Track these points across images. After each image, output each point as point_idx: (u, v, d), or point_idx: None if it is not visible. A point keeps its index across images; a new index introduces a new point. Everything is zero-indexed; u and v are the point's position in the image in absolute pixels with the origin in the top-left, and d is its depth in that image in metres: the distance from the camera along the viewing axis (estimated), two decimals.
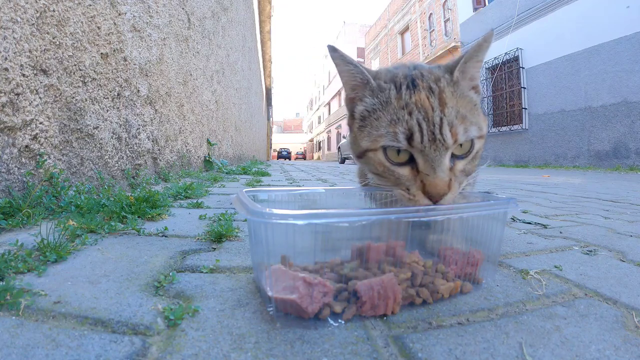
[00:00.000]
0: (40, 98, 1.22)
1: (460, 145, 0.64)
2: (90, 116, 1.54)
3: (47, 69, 1.25)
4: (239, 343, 0.47)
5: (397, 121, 0.62)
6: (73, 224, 0.97)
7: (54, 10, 1.28)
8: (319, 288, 0.51)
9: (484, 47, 0.67)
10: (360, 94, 0.70)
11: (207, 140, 4.07)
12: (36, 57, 1.20)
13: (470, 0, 11.75)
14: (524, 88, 9.83)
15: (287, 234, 0.52)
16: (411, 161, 0.64)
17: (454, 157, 0.65)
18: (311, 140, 50.17)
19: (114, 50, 1.77)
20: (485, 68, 11.07)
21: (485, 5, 11.31)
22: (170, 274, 0.69)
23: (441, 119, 0.61)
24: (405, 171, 0.65)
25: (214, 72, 4.36)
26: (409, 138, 0.61)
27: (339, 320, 0.53)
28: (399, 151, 0.64)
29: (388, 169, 0.66)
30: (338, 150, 15.23)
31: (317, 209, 0.60)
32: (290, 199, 0.85)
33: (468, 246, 0.65)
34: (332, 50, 0.69)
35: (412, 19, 16.01)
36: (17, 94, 1.12)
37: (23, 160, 1.16)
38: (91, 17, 1.54)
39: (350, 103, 0.74)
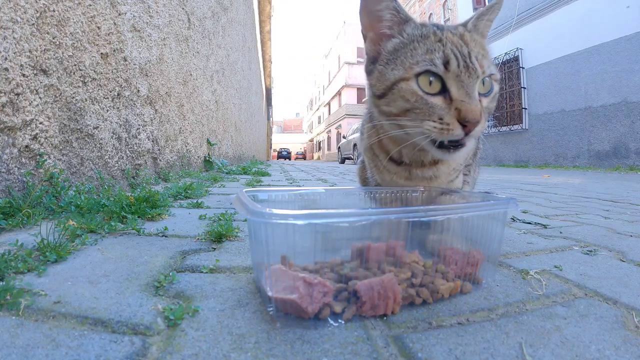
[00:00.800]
0: (40, 98, 1.22)
1: (483, 83, 0.70)
2: (90, 116, 1.54)
3: (47, 69, 1.25)
4: (239, 343, 0.47)
5: (433, 50, 0.68)
6: (73, 224, 0.97)
7: (54, 10, 1.28)
8: (319, 288, 0.51)
9: (496, 8, 0.76)
10: (397, 30, 0.75)
11: (207, 140, 4.07)
12: (36, 57, 1.20)
13: (470, 0, 11.75)
14: (524, 88, 9.83)
15: (287, 234, 0.52)
16: (443, 92, 0.68)
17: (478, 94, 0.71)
18: (311, 140, 50.18)
19: (114, 50, 1.77)
20: None
21: (485, 5, 11.31)
22: (170, 274, 0.69)
23: (469, 52, 0.68)
24: (438, 100, 0.68)
25: (214, 72, 4.36)
26: (446, 64, 0.66)
27: (339, 320, 0.53)
28: (430, 82, 0.68)
29: (421, 99, 0.68)
30: (338, 150, 15.24)
31: (317, 209, 0.60)
32: (290, 199, 0.85)
33: (468, 246, 0.65)
34: None
35: None
36: (17, 94, 1.12)
37: (23, 160, 1.16)
38: (91, 17, 1.54)
39: (379, 41, 0.77)
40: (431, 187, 0.86)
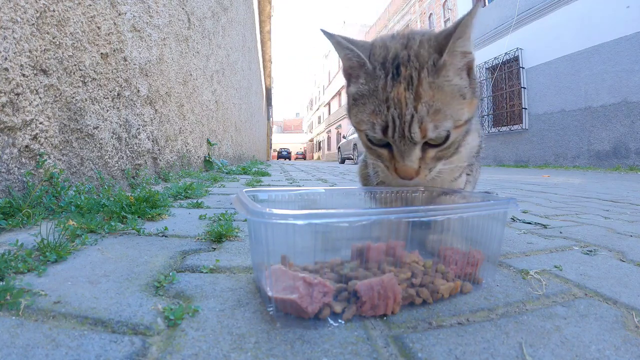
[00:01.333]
0: (40, 98, 1.22)
1: (433, 137, 0.67)
2: (90, 116, 1.54)
3: (47, 69, 1.25)
4: (239, 343, 0.47)
5: (377, 113, 0.66)
6: (73, 224, 0.97)
7: (54, 10, 1.28)
8: (319, 288, 0.51)
9: (470, 22, 0.65)
10: (356, 73, 0.73)
11: (207, 140, 4.07)
12: (36, 57, 1.20)
13: (470, 0, 11.75)
14: (524, 88, 9.83)
15: (287, 234, 0.52)
16: (388, 145, 0.70)
17: (427, 145, 0.68)
18: (311, 140, 50.18)
19: (114, 50, 1.77)
20: (485, 68, 11.07)
21: (485, 5, 11.31)
22: (170, 274, 0.69)
23: (412, 117, 0.63)
24: (384, 152, 0.71)
25: (214, 72, 4.36)
26: (384, 130, 0.66)
27: (339, 320, 0.53)
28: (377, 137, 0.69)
29: (370, 148, 0.73)
30: (338, 150, 15.24)
31: (317, 209, 0.60)
32: (290, 199, 0.85)
33: (468, 246, 0.65)
34: (329, 36, 0.73)
35: (412, 19, 16.01)
36: (17, 94, 1.12)
37: (23, 160, 1.16)
38: (91, 17, 1.54)
39: (347, 77, 0.78)
40: (433, 186, 0.86)
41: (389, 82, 0.65)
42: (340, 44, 0.71)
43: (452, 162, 0.82)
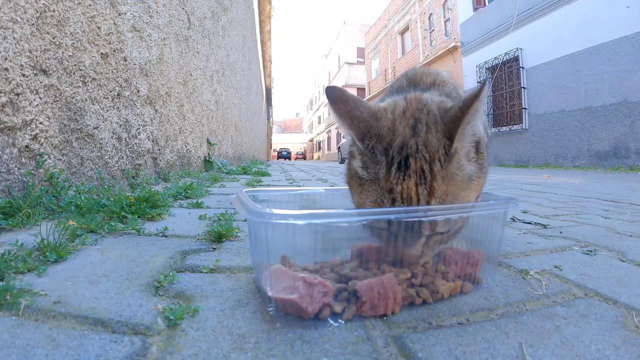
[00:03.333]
0: (40, 98, 1.22)
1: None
2: (90, 116, 1.54)
3: (47, 69, 1.25)
4: (239, 343, 0.47)
5: (381, 203, 0.59)
6: (73, 224, 0.97)
7: (54, 10, 1.28)
8: (319, 288, 0.51)
9: (480, 104, 0.57)
10: (354, 148, 0.65)
11: (207, 140, 4.07)
12: (36, 57, 1.20)
13: (470, 0, 11.75)
14: (524, 88, 9.82)
15: (287, 234, 0.52)
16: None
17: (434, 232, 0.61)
18: (311, 140, 50.17)
19: (114, 50, 1.77)
20: (485, 68, 11.07)
21: (485, 5, 11.31)
22: (170, 274, 0.69)
23: (418, 214, 0.57)
24: (385, 234, 0.61)
25: (214, 72, 4.36)
26: (389, 222, 0.57)
27: (339, 320, 0.53)
28: None
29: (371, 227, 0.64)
30: (338, 150, 15.23)
31: (317, 209, 0.60)
32: (290, 199, 0.85)
33: (468, 246, 0.65)
34: (332, 102, 0.63)
35: (412, 19, 16.01)
36: (17, 94, 1.12)
37: (23, 160, 1.16)
38: (91, 17, 1.54)
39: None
40: None
41: (395, 173, 0.58)
42: (340, 117, 0.62)
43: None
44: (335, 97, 0.63)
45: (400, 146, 0.59)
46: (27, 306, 0.53)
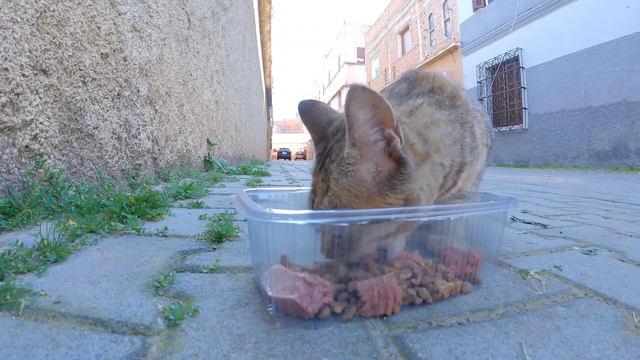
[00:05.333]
0: (40, 98, 1.22)
1: None
2: (90, 116, 1.54)
3: (47, 69, 1.25)
4: (239, 343, 0.47)
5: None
6: (73, 224, 0.97)
7: (54, 10, 1.28)
8: (319, 288, 0.52)
9: (352, 113, 0.54)
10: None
11: (207, 140, 4.07)
12: (36, 57, 1.20)
13: (470, 0, 11.75)
14: (524, 88, 9.82)
15: (287, 234, 0.52)
16: None
17: None
18: (311, 141, 50.10)
19: (114, 50, 1.77)
20: (485, 68, 11.08)
21: (485, 5, 11.31)
22: (170, 274, 0.69)
23: (318, 206, 0.61)
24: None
25: (214, 72, 4.36)
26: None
27: (339, 320, 0.53)
28: None
29: None
30: None
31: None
32: (290, 199, 0.85)
33: (468, 246, 0.65)
34: (300, 113, 0.73)
35: (412, 19, 16.01)
36: (17, 94, 1.12)
37: (23, 160, 1.16)
38: (91, 17, 1.54)
39: None
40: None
41: (317, 168, 0.65)
42: (306, 125, 0.72)
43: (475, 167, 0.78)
44: (305, 108, 0.72)
45: (330, 147, 0.64)
46: (27, 306, 0.53)
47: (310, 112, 0.72)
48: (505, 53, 10.20)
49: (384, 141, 0.58)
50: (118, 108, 1.82)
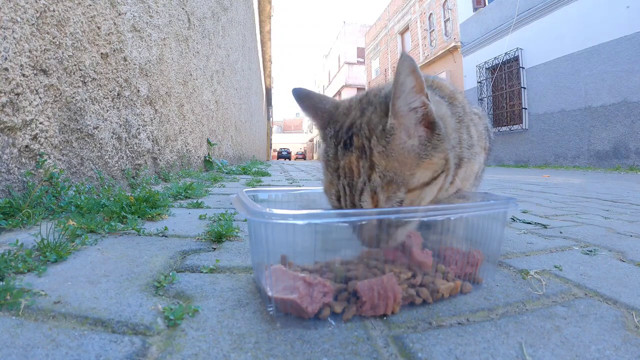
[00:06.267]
0: (40, 98, 1.22)
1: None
2: (90, 116, 1.54)
3: (47, 69, 1.25)
4: (239, 343, 0.47)
5: (332, 183, 0.64)
6: (73, 224, 0.97)
7: (54, 10, 1.28)
8: (319, 288, 0.51)
9: (405, 76, 0.57)
10: (320, 135, 0.71)
11: (207, 140, 4.07)
12: (36, 57, 1.20)
13: (470, 0, 11.75)
14: (524, 88, 9.83)
15: (287, 234, 0.52)
16: None
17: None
18: (311, 140, 50.15)
19: (114, 50, 1.77)
20: (485, 68, 11.08)
21: (485, 5, 11.31)
22: (170, 274, 0.69)
23: (363, 186, 0.59)
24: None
25: (214, 72, 4.36)
26: (338, 200, 0.63)
27: (339, 320, 0.53)
28: None
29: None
30: None
31: (317, 209, 0.60)
32: (290, 199, 0.85)
33: (468, 246, 0.65)
34: (296, 97, 0.72)
35: (412, 19, 16.01)
36: (17, 94, 1.12)
37: (23, 160, 1.16)
38: (91, 17, 1.54)
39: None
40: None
41: (340, 152, 0.62)
42: (304, 112, 0.71)
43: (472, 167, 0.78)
44: (302, 94, 0.72)
45: (349, 126, 0.64)
46: (27, 306, 0.53)
47: (309, 98, 0.72)
48: (505, 53, 10.20)
49: (422, 107, 0.61)
50: (118, 108, 1.82)
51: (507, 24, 10.13)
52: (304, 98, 0.72)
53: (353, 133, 0.62)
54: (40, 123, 1.22)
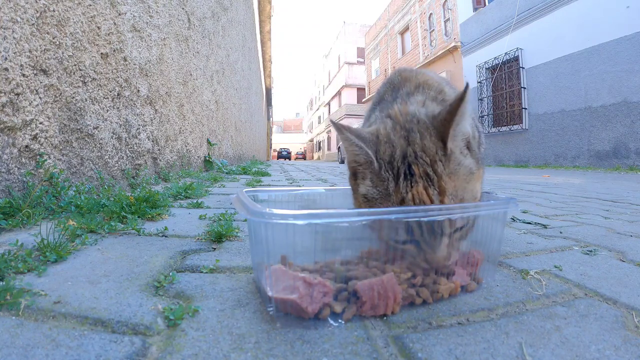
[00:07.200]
0: (40, 98, 1.22)
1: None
2: (90, 116, 1.54)
3: (47, 69, 1.25)
4: (239, 343, 0.47)
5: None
6: (73, 224, 0.97)
7: (54, 10, 1.28)
8: (319, 288, 0.51)
9: (466, 104, 0.61)
10: (362, 170, 0.67)
11: (207, 140, 4.07)
12: (36, 57, 1.20)
13: (470, 0, 11.75)
14: (524, 88, 9.83)
15: (287, 234, 0.52)
16: (412, 241, 0.62)
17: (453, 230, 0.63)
18: (311, 141, 50.16)
19: (114, 50, 1.77)
20: (485, 68, 11.08)
21: (485, 5, 11.31)
22: (170, 274, 0.69)
23: (438, 214, 0.58)
24: (410, 247, 0.63)
25: (214, 72, 4.36)
26: (409, 229, 0.59)
27: (339, 320, 0.53)
28: None
29: (392, 246, 0.64)
30: (338, 151, 15.24)
31: (317, 209, 0.60)
32: (290, 199, 0.85)
33: (468, 246, 0.65)
34: (338, 129, 0.66)
35: (412, 19, 16.01)
36: (17, 94, 1.12)
37: (23, 160, 1.16)
38: (91, 17, 1.54)
39: (353, 171, 0.71)
40: None
41: (402, 184, 0.60)
42: (349, 140, 0.65)
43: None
44: (342, 125, 0.67)
45: (402, 156, 0.62)
46: (27, 306, 0.53)
47: (349, 130, 0.67)
48: (505, 53, 10.20)
49: (464, 137, 0.66)
50: (118, 108, 1.82)
51: (507, 24, 10.13)
52: (345, 130, 0.66)
53: (410, 162, 0.61)
54: (40, 123, 1.22)
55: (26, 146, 1.17)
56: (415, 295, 0.58)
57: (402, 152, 0.62)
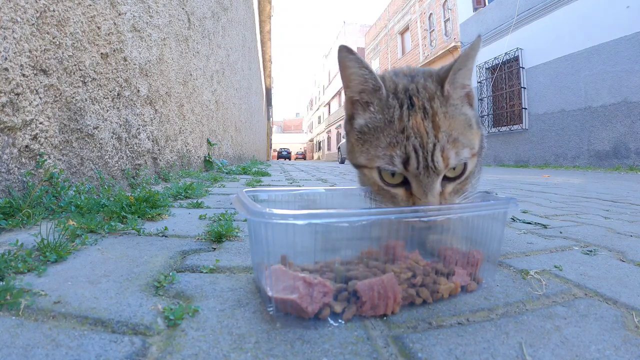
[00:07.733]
0: (40, 98, 1.22)
1: (453, 168, 0.64)
2: (90, 116, 1.54)
3: (47, 69, 1.25)
4: (239, 343, 0.47)
5: (395, 144, 0.62)
6: (73, 224, 0.97)
7: (54, 10, 1.28)
8: (319, 288, 0.51)
9: (472, 55, 0.66)
10: (367, 98, 0.69)
11: (207, 140, 4.07)
12: (36, 57, 1.20)
13: (470, 0, 11.75)
14: (524, 88, 9.83)
15: (287, 234, 0.52)
16: (405, 183, 0.65)
17: (446, 179, 0.65)
18: (311, 141, 50.16)
19: (114, 50, 1.77)
20: (485, 68, 11.08)
21: (485, 5, 11.31)
22: (170, 274, 0.68)
23: (434, 145, 0.61)
24: (399, 191, 0.66)
25: (214, 72, 4.36)
26: (405, 162, 0.62)
27: (339, 320, 0.53)
28: (392, 174, 0.64)
29: (382, 189, 0.67)
30: (338, 150, 15.24)
31: (317, 209, 0.60)
32: (290, 199, 0.85)
33: (468, 246, 0.65)
34: (347, 51, 0.67)
35: (412, 19, 16.01)
36: (17, 94, 1.12)
37: (23, 160, 1.16)
38: (91, 17, 1.54)
39: (352, 106, 0.72)
40: None
41: (405, 112, 0.63)
42: (360, 61, 0.67)
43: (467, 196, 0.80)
44: (353, 51, 0.69)
45: (405, 89, 0.67)
46: (27, 306, 0.53)
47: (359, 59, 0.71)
48: (505, 53, 10.20)
49: (467, 86, 0.71)
50: (118, 108, 1.82)
51: (507, 24, 10.13)
52: (356, 56, 0.68)
53: (411, 95, 0.65)
54: (40, 123, 1.22)
55: (26, 146, 1.17)
56: (415, 295, 0.58)
57: (405, 86, 0.67)
